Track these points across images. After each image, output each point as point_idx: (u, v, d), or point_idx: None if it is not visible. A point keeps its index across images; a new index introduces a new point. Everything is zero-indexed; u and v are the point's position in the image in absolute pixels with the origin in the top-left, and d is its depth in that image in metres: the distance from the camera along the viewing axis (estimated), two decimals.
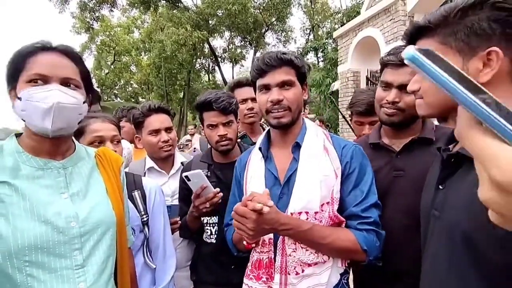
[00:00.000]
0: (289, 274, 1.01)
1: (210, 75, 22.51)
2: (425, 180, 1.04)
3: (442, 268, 0.72)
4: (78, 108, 0.87)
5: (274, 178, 1.11)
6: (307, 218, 1.01)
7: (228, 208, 1.29)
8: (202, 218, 1.47)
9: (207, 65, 21.59)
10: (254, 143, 1.34)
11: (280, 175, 1.11)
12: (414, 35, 0.76)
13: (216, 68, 20.02)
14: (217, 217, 1.46)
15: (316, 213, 1.02)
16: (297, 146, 1.11)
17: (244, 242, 1.07)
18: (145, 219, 1.30)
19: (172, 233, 1.48)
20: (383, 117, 1.22)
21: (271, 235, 1.06)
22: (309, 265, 1.01)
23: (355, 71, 7.95)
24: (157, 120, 1.65)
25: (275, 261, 1.04)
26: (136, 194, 1.30)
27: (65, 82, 0.86)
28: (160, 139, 1.64)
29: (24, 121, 0.84)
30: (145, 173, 1.68)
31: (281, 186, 1.09)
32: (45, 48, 0.86)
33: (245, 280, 1.11)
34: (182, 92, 21.50)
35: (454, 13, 0.67)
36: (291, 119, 1.10)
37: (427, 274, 0.78)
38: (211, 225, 1.48)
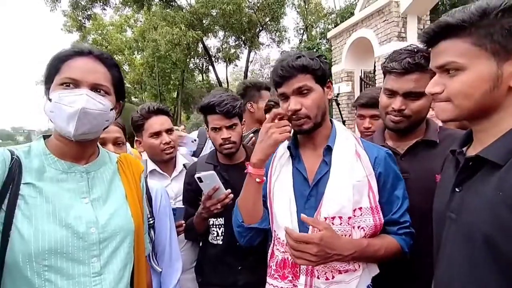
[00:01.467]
0: (318, 278, 1.02)
1: (204, 74, 22.38)
2: (430, 182, 1.05)
3: (459, 271, 0.71)
4: (104, 114, 0.87)
5: (303, 178, 1.10)
6: (341, 223, 1.01)
7: None
8: (208, 220, 1.47)
9: (201, 65, 21.45)
10: None
11: (309, 176, 1.10)
12: (438, 34, 0.71)
13: (210, 67, 19.92)
14: (223, 218, 1.46)
15: (349, 218, 1.02)
16: (328, 149, 1.10)
17: (257, 179, 1.08)
18: (151, 222, 1.28)
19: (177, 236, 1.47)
20: (390, 124, 1.23)
21: None
22: (340, 272, 1.02)
23: (348, 72, 8.02)
24: (157, 122, 1.64)
25: None
26: None
27: (95, 88, 0.85)
28: (162, 141, 1.62)
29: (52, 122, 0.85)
30: (147, 175, 1.67)
31: (310, 188, 1.08)
32: (81, 52, 0.86)
33: (269, 280, 1.10)
34: (176, 92, 21.34)
35: (495, 14, 0.64)
36: (313, 125, 1.09)
37: (442, 277, 0.77)
38: (217, 226, 1.48)
